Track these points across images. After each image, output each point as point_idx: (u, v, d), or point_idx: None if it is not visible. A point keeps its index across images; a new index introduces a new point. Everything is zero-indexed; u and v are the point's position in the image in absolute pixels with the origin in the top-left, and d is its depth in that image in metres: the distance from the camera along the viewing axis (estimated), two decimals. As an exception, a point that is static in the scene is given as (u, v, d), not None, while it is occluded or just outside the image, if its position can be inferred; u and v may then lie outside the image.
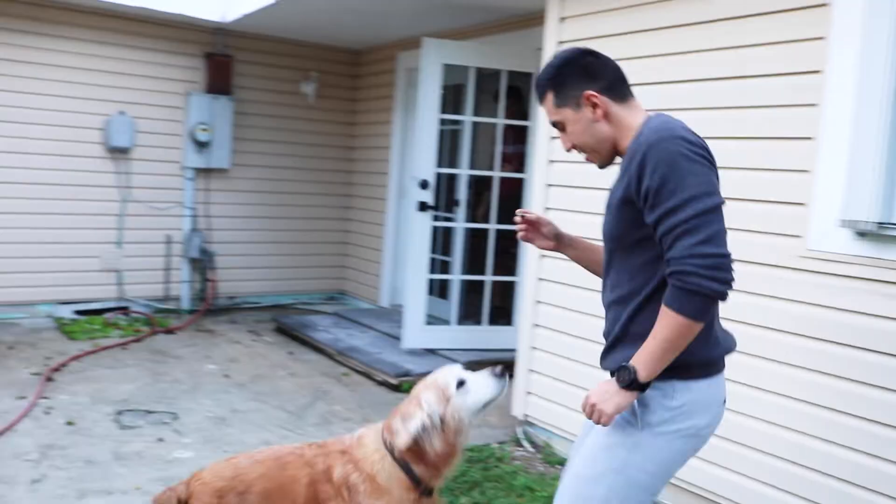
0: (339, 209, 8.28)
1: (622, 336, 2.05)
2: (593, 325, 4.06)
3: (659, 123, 1.97)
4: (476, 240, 6.35)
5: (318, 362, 6.02)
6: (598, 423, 1.94)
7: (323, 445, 2.54)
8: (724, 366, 2.09)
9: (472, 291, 6.42)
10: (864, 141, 2.98)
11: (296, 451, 2.54)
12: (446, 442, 2.36)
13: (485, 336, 6.12)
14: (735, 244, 3.35)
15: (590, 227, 4.07)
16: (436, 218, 6.08)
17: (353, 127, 8.24)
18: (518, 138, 6.18)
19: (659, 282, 1.95)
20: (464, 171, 6.26)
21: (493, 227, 6.15)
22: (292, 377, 5.56)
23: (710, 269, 1.80)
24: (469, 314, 6.39)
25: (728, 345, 2.11)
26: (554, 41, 4.32)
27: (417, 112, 5.98)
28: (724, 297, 1.84)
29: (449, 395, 2.37)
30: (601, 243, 2.24)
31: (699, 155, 1.89)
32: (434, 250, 6.16)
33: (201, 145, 7.26)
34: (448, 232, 6.48)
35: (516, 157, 6.23)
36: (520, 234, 2.42)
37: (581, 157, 2.21)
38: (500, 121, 6.10)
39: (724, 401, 2.08)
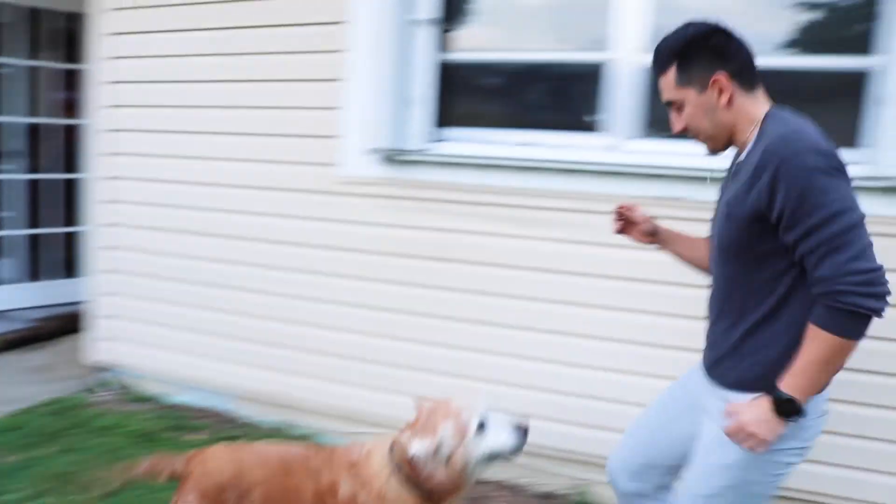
0: None
1: (732, 352, 1.99)
2: (175, 266, 4.21)
3: (788, 131, 1.80)
4: (35, 192, 6.00)
5: None
6: (749, 448, 1.89)
7: (331, 453, 2.39)
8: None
9: (35, 246, 6.07)
10: (383, 83, 3.53)
11: (301, 457, 2.39)
12: (448, 477, 2.23)
13: (53, 291, 5.90)
14: (274, 175, 3.80)
15: (167, 171, 4.19)
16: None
17: None
18: (73, 84, 5.93)
19: (779, 299, 1.89)
20: (13, 120, 5.84)
21: (51, 177, 5.88)
22: None
23: (865, 285, 1.70)
24: (34, 270, 6.06)
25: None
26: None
27: (-50, 56, 5.43)
28: (881, 313, 1.73)
29: (467, 434, 2.22)
30: (699, 237, 2.30)
31: (835, 168, 1.75)
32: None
33: None
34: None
35: (72, 104, 5.97)
36: (615, 229, 2.37)
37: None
38: (52, 65, 5.80)
39: (826, 412, 2.00)
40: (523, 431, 2.26)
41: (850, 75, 3.05)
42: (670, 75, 1.97)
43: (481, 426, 2.23)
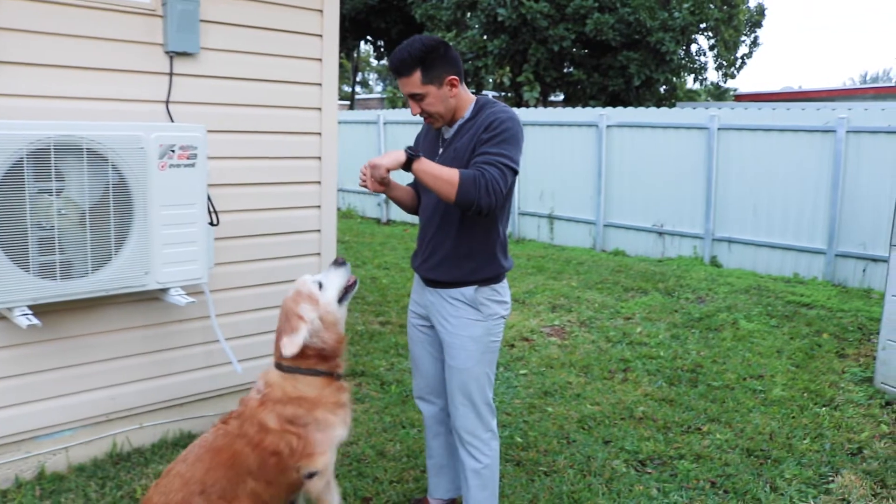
0: None
1: (450, 256, 2.93)
2: None
3: (504, 107, 2.86)
4: None
5: None
6: (375, 177, 2.71)
7: (239, 415, 2.66)
8: None
9: None
10: None
11: (219, 433, 2.63)
12: (333, 333, 2.71)
13: None
14: None
15: None
16: None
17: None
18: None
19: (485, 223, 2.90)
20: None
21: None
22: None
23: (491, 192, 2.64)
24: None
25: (511, 264, 3.06)
26: None
27: None
28: (480, 208, 2.66)
29: (317, 298, 2.70)
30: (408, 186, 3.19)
31: (520, 134, 2.81)
32: None
33: None
34: None
35: None
36: (362, 183, 2.83)
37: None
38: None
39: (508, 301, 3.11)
40: (343, 263, 2.85)
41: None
42: (416, 76, 2.74)
43: (320, 286, 2.73)
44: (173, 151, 3.43)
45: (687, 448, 4.25)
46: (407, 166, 2.69)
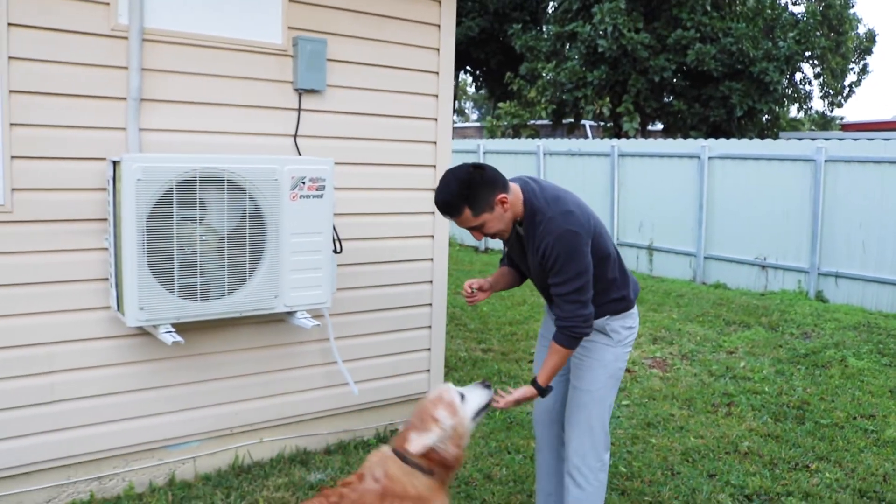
0: None
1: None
2: None
3: (558, 211, 2.86)
4: None
5: None
6: (497, 406, 2.93)
7: (357, 499, 2.47)
8: None
9: None
10: None
11: None
12: (457, 446, 2.66)
13: None
14: None
15: None
16: None
17: None
18: None
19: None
20: None
21: None
22: None
23: (585, 324, 2.90)
24: None
25: (638, 289, 3.24)
26: None
27: None
28: (587, 335, 2.96)
29: (457, 408, 2.69)
30: (503, 270, 3.34)
31: (583, 243, 2.84)
32: None
33: None
34: None
35: None
36: (470, 301, 3.23)
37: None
38: None
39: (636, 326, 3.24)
40: (489, 386, 2.90)
41: None
42: (466, 213, 2.80)
43: (462, 397, 2.75)
44: (304, 183, 3.66)
45: (795, 485, 4.20)
46: (541, 394, 3.03)
